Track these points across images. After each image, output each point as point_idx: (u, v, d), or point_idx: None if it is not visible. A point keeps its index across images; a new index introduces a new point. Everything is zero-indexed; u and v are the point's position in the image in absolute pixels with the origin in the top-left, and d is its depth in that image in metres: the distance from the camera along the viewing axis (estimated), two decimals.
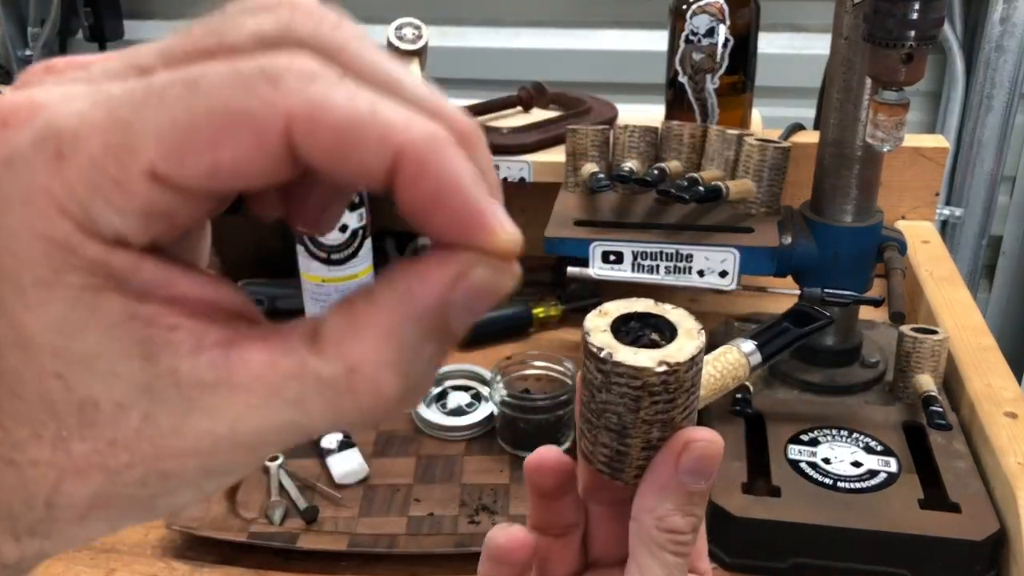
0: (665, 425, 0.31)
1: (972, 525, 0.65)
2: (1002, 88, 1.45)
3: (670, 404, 0.30)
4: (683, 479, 0.30)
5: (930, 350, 0.75)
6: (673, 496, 0.31)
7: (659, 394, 0.30)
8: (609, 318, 0.31)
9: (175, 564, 0.70)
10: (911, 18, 0.62)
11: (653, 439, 0.31)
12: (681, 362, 0.30)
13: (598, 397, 0.31)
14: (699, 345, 0.30)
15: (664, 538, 0.31)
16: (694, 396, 0.31)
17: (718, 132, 0.85)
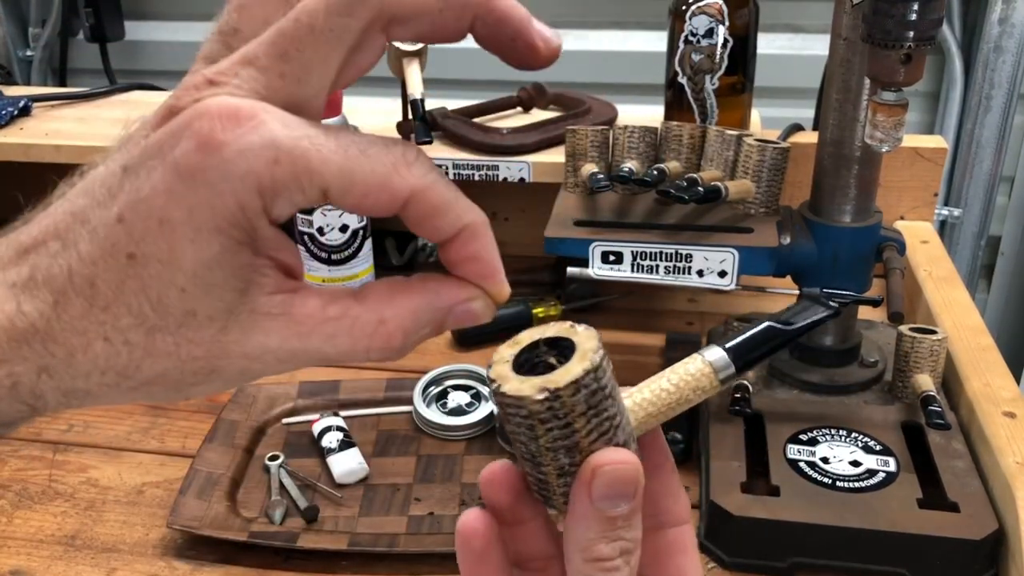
0: (571, 451, 0.30)
1: (971, 524, 0.65)
2: (1001, 88, 1.46)
3: (568, 430, 0.29)
4: (599, 506, 0.30)
5: (929, 350, 0.75)
6: (593, 524, 0.30)
7: (549, 421, 0.29)
8: (518, 347, 0.32)
9: (176, 563, 0.71)
10: (910, 19, 0.62)
11: (564, 465, 0.30)
12: (562, 386, 0.29)
13: (506, 428, 0.31)
14: (588, 367, 0.29)
15: (591, 568, 0.30)
16: (602, 418, 0.30)
17: (717, 132, 0.85)
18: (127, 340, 0.26)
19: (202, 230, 0.25)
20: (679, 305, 1.04)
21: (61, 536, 0.74)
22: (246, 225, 0.26)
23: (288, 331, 0.27)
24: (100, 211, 0.26)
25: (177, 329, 0.26)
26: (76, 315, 0.26)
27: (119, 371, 0.27)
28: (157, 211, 0.25)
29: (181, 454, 0.82)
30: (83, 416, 0.88)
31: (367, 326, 0.28)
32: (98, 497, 0.78)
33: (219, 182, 0.25)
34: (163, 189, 0.25)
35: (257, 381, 0.89)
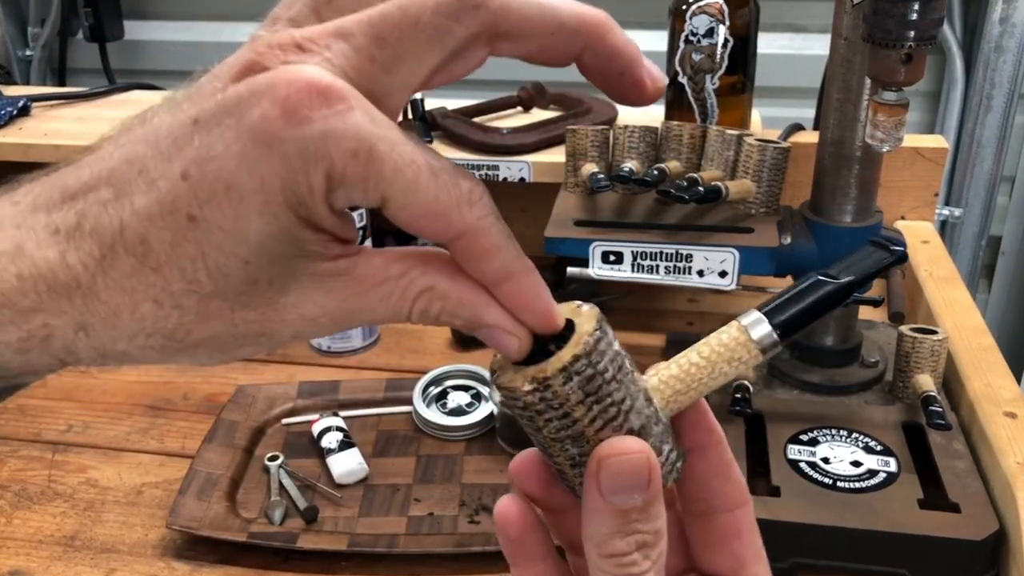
0: (578, 440, 0.29)
1: (971, 525, 0.65)
2: (1001, 88, 1.45)
3: (567, 419, 0.28)
4: (611, 500, 0.28)
5: (929, 350, 0.75)
6: (607, 519, 0.29)
7: (546, 412, 0.28)
8: None
9: (175, 564, 0.71)
10: (910, 18, 0.62)
11: (575, 456, 0.29)
12: (550, 375, 0.28)
13: (519, 421, 0.30)
14: (578, 352, 0.28)
15: (608, 564, 0.29)
16: (605, 404, 0.28)
17: (718, 132, 0.85)
18: (179, 304, 0.26)
19: (271, 203, 0.24)
20: (679, 305, 1.04)
21: (60, 536, 0.74)
22: (310, 205, 0.25)
23: (348, 291, 0.27)
24: (163, 164, 0.25)
25: (236, 296, 0.26)
26: (124, 273, 0.25)
27: (166, 334, 0.26)
28: (226, 174, 0.24)
29: (180, 454, 0.82)
30: (82, 416, 0.88)
31: (418, 287, 0.27)
32: (97, 497, 0.78)
33: (295, 157, 0.24)
34: (237, 152, 0.24)
35: (257, 382, 0.89)
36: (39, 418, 0.88)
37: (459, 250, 0.27)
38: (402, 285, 0.27)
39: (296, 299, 0.27)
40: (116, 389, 0.92)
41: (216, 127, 0.24)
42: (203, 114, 0.24)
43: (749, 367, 0.30)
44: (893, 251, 0.31)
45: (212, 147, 0.24)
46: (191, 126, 0.24)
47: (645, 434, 0.29)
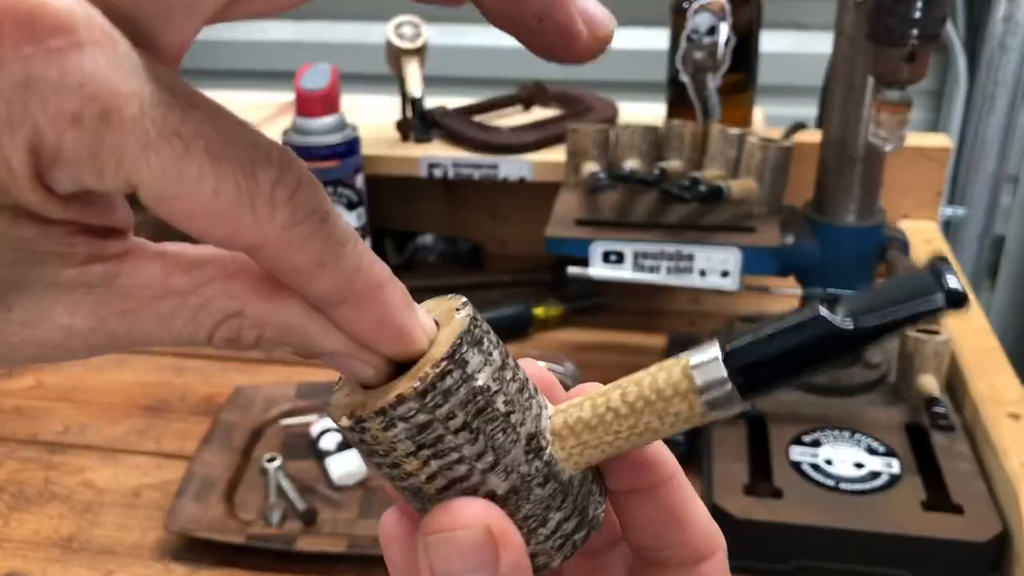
0: (417, 496, 0.23)
1: (975, 527, 0.65)
2: (1005, 87, 1.45)
3: (397, 470, 0.22)
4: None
5: (933, 351, 0.75)
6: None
7: (372, 455, 0.22)
8: None
9: (173, 566, 0.70)
10: (914, 16, 0.62)
11: (419, 510, 0.23)
12: (364, 417, 0.21)
13: None
14: (404, 393, 0.21)
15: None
16: (446, 460, 0.22)
17: (720, 131, 0.84)
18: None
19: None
20: (681, 305, 1.04)
21: (58, 538, 0.73)
22: (12, 190, 0.17)
23: (108, 308, 0.19)
24: None
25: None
26: None
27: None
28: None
29: (178, 456, 0.82)
30: (80, 418, 0.87)
31: (218, 313, 0.20)
32: (95, 499, 0.77)
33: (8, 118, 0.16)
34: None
35: (255, 383, 0.89)
36: (36, 419, 0.87)
37: (264, 263, 0.20)
38: (192, 305, 0.20)
39: (26, 319, 0.19)
40: (113, 390, 0.91)
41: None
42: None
43: (692, 425, 0.22)
44: (947, 289, 0.20)
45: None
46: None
47: (515, 498, 0.23)
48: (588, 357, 0.93)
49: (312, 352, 0.22)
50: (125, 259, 0.19)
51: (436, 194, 1.14)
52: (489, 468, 0.22)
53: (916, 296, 0.20)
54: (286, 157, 0.19)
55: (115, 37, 0.16)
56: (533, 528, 0.23)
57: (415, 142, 1.04)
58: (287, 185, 0.18)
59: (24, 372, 0.94)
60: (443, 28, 1.56)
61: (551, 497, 0.23)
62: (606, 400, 0.23)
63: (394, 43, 1.02)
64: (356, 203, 0.98)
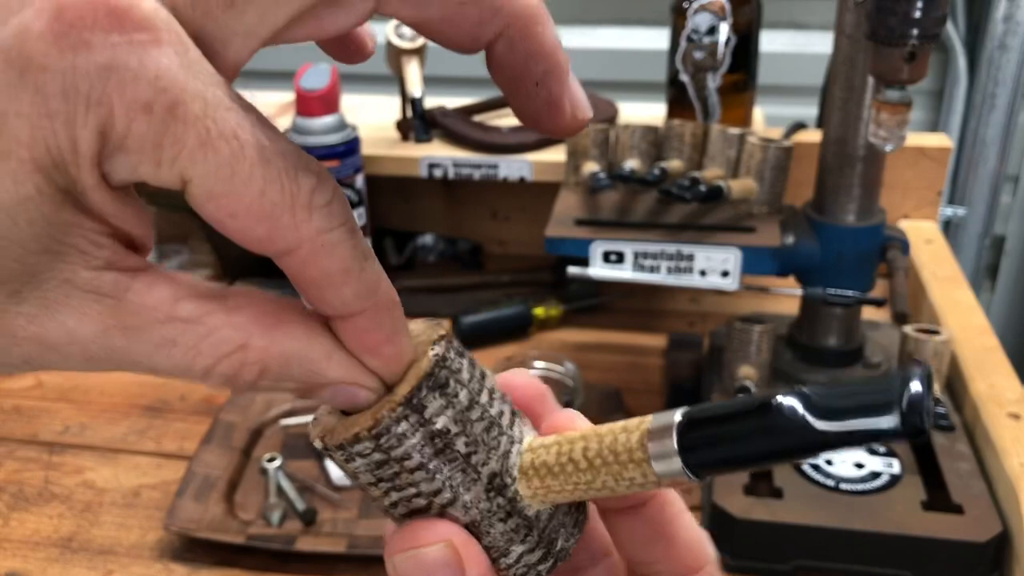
0: (387, 513, 0.24)
1: (975, 527, 0.65)
2: (1005, 86, 1.45)
3: (366, 492, 0.23)
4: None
5: (933, 351, 0.75)
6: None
7: (345, 474, 0.23)
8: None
9: (173, 566, 0.70)
10: (914, 16, 0.62)
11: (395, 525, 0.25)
12: (329, 447, 0.22)
13: None
14: (360, 432, 0.22)
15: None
16: (405, 494, 0.23)
17: (720, 131, 0.84)
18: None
19: (13, 155, 0.17)
20: (681, 305, 1.04)
21: (57, 538, 0.73)
22: (72, 170, 0.18)
23: (113, 321, 0.19)
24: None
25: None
26: None
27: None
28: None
29: (178, 456, 0.82)
30: (79, 417, 0.87)
31: (223, 345, 0.20)
32: (95, 499, 0.77)
33: (56, 96, 0.17)
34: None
35: None
36: (36, 419, 0.87)
37: (291, 269, 0.20)
38: (196, 334, 0.20)
39: (35, 313, 0.19)
40: (113, 390, 0.91)
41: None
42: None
43: (646, 489, 0.23)
44: (908, 405, 0.18)
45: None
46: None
47: (476, 530, 0.24)
48: (588, 357, 0.93)
49: (313, 382, 0.22)
50: (139, 275, 0.20)
51: (436, 194, 1.14)
52: (448, 504, 0.23)
53: (876, 413, 0.19)
54: (323, 169, 0.20)
55: (188, 43, 0.18)
56: (495, 558, 0.24)
57: (415, 142, 1.04)
58: (325, 193, 0.20)
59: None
60: None
61: (514, 531, 0.24)
62: (570, 450, 0.24)
63: (394, 43, 1.01)
64: (356, 203, 0.98)
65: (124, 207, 0.19)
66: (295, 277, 0.21)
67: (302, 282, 0.21)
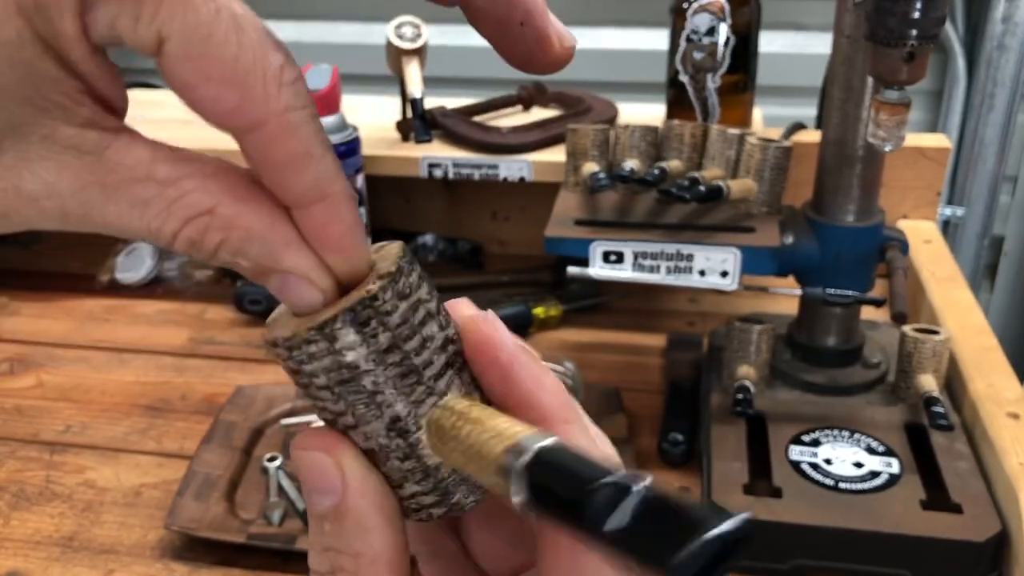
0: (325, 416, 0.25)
1: (974, 526, 0.65)
2: (1004, 87, 1.45)
3: (302, 391, 0.24)
4: (308, 498, 0.24)
5: (932, 350, 0.75)
6: (312, 524, 0.25)
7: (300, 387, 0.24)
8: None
9: (173, 565, 0.70)
10: (913, 17, 0.62)
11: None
12: (268, 342, 0.24)
13: None
14: (285, 338, 0.23)
15: None
16: (319, 405, 0.24)
17: (719, 131, 0.84)
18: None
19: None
20: (680, 305, 1.04)
21: (58, 538, 0.73)
22: (54, 16, 0.18)
23: (91, 176, 0.20)
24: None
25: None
26: None
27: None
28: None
29: (179, 455, 0.82)
30: (80, 417, 0.88)
31: (192, 207, 0.21)
32: (95, 498, 0.77)
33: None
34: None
35: (256, 382, 0.89)
36: (37, 419, 0.87)
37: (256, 147, 0.20)
38: (169, 195, 0.20)
39: (14, 163, 0.20)
40: (114, 390, 0.91)
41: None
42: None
43: (503, 496, 0.22)
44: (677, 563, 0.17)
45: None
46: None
47: (375, 458, 0.25)
48: (588, 357, 0.93)
49: (268, 267, 0.22)
50: (119, 134, 0.20)
51: (436, 194, 1.14)
52: (349, 427, 0.24)
53: (653, 547, 0.18)
54: (289, 51, 0.20)
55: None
56: (393, 487, 0.25)
57: (415, 142, 1.04)
58: (293, 70, 0.20)
59: (25, 371, 0.95)
60: (443, 28, 1.56)
61: (409, 472, 0.25)
62: (462, 423, 0.24)
63: (394, 43, 1.02)
64: (356, 203, 0.98)
65: (102, 67, 0.20)
66: (258, 157, 0.20)
67: (265, 163, 0.21)
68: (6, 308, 1.06)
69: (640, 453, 0.79)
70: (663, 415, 0.83)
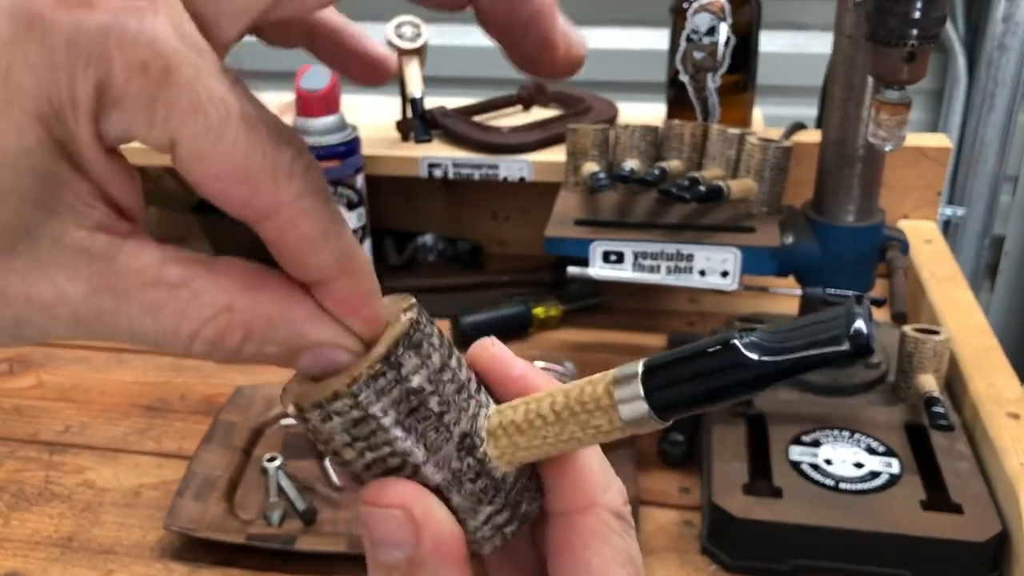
0: (356, 479, 0.25)
1: (974, 526, 0.65)
2: (1004, 87, 1.45)
3: (338, 457, 0.24)
4: (373, 551, 0.24)
5: (932, 350, 0.75)
6: (374, 572, 0.25)
7: (317, 441, 0.24)
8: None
9: (173, 566, 0.70)
10: (913, 16, 0.62)
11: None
12: (304, 408, 0.23)
13: None
14: (339, 390, 0.22)
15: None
16: (379, 453, 0.23)
17: (719, 131, 0.84)
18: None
19: (14, 105, 0.18)
20: (680, 305, 1.04)
21: (58, 538, 0.73)
22: (70, 121, 0.19)
23: (102, 282, 0.20)
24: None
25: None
26: None
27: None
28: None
29: (178, 455, 0.82)
30: (80, 417, 0.87)
31: (208, 307, 0.21)
32: (95, 499, 0.77)
33: (60, 50, 0.18)
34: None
35: (255, 382, 0.89)
36: (36, 419, 0.87)
37: (272, 234, 0.21)
38: (182, 297, 0.21)
39: (26, 270, 0.20)
40: (114, 390, 0.91)
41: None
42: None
43: (612, 439, 0.24)
44: (853, 336, 0.20)
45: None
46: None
47: (446, 491, 0.24)
48: (588, 357, 0.93)
49: (296, 344, 0.22)
50: (129, 239, 0.21)
51: (436, 194, 1.14)
52: (420, 463, 0.24)
53: (824, 341, 0.21)
54: (303, 142, 0.21)
55: (183, 14, 0.19)
56: (462, 519, 0.25)
57: (415, 142, 1.04)
58: (304, 161, 0.21)
59: (25, 371, 0.94)
60: (443, 28, 1.56)
61: (482, 492, 0.25)
62: (537, 406, 0.25)
63: (394, 43, 1.02)
64: (356, 203, 0.98)
65: (115, 170, 0.20)
66: (275, 243, 0.21)
67: (282, 247, 0.21)
68: None
69: (640, 453, 0.79)
70: None
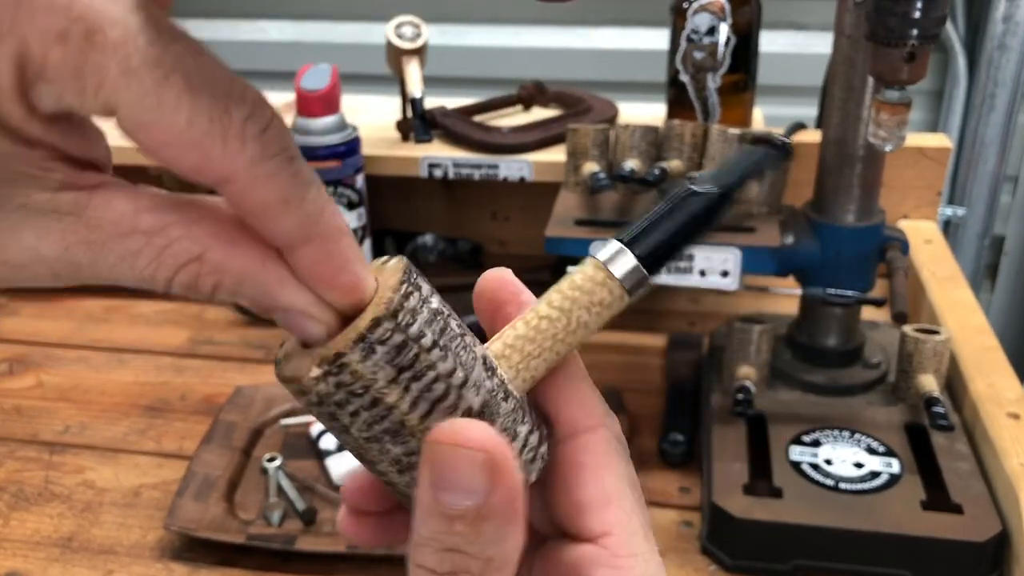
0: (399, 436, 0.22)
1: (974, 526, 0.65)
2: (1005, 87, 1.45)
3: (378, 408, 0.22)
4: (439, 496, 0.21)
5: (932, 351, 0.75)
6: (430, 521, 0.22)
7: (347, 403, 0.22)
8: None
9: (173, 566, 0.70)
10: (913, 16, 0.62)
11: (399, 457, 0.23)
12: (343, 351, 0.21)
13: (324, 424, 0.24)
14: (379, 314, 0.21)
15: (417, 574, 0.23)
16: (426, 380, 0.22)
17: (719, 131, 0.84)
18: None
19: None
20: (680, 305, 1.04)
21: (58, 538, 0.73)
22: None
23: (75, 237, 0.20)
24: None
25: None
26: None
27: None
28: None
29: (178, 455, 0.82)
30: (80, 417, 0.87)
31: (181, 255, 0.21)
32: (95, 499, 0.77)
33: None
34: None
35: (255, 382, 0.89)
36: (36, 419, 0.87)
37: (230, 199, 0.20)
38: (157, 245, 0.20)
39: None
40: (113, 390, 0.91)
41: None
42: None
43: (615, 311, 0.24)
44: (778, 144, 0.26)
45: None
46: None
47: (489, 414, 0.23)
48: (588, 357, 0.92)
49: (266, 306, 0.22)
50: (97, 191, 0.20)
51: (436, 194, 1.14)
52: (462, 384, 0.23)
53: (753, 156, 0.27)
54: (260, 98, 0.20)
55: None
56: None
57: (415, 142, 1.04)
58: (258, 122, 0.19)
59: (24, 372, 0.94)
60: (443, 28, 1.56)
61: (514, 411, 0.24)
62: (536, 313, 0.25)
63: (394, 43, 1.02)
64: (356, 203, 0.98)
65: (67, 131, 0.19)
66: (236, 207, 0.21)
67: (242, 212, 0.21)
68: (6, 308, 1.06)
69: (640, 453, 0.79)
70: (663, 415, 0.83)
